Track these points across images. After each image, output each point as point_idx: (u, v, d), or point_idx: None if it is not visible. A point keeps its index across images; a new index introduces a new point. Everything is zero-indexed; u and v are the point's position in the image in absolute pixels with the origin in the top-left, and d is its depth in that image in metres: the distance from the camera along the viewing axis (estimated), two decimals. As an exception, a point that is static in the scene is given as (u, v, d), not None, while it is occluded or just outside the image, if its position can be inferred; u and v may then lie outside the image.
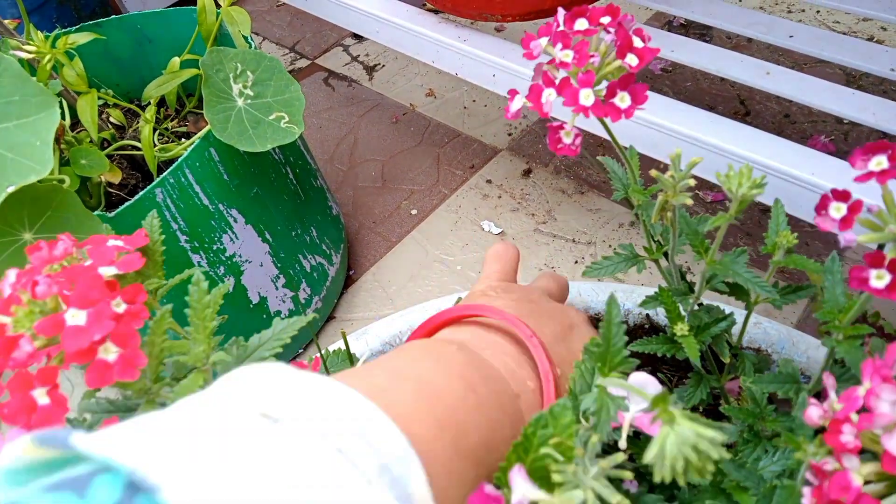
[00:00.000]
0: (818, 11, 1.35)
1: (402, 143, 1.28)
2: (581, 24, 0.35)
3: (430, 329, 0.43)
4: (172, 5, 1.65)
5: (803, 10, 1.37)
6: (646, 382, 0.27)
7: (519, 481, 0.24)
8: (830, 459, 0.26)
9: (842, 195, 0.29)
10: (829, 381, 0.31)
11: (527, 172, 1.18)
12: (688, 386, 0.49)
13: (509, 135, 1.26)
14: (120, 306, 0.31)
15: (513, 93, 0.38)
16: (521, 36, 0.39)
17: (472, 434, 0.29)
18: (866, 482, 0.24)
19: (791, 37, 0.73)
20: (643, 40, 0.36)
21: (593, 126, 0.75)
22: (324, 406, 0.22)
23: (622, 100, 0.35)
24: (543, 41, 0.37)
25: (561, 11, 0.36)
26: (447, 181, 1.19)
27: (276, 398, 0.22)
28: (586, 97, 0.34)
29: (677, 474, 0.21)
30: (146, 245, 0.34)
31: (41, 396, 0.30)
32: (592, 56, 0.35)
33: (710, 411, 0.55)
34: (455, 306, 0.43)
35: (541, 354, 0.39)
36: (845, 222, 0.29)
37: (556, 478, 0.23)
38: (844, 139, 1.11)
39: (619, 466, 0.24)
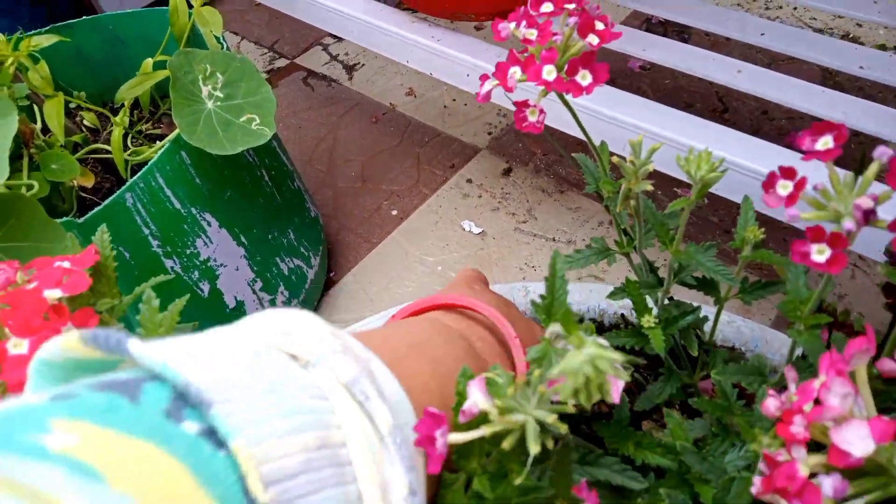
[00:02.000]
0: (795, 8, 1.36)
1: (382, 142, 1.28)
2: (546, 7, 0.37)
3: (418, 310, 0.42)
4: (149, 6, 1.63)
5: (780, 7, 1.37)
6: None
7: (475, 391, 0.25)
8: (783, 451, 0.26)
9: (788, 173, 0.29)
10: (790, 373, 0.31)
11: (507, 171, 1.18)
12: (658, 381, 0.49)
13: (489, 134, 1.26)
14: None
15: (484, 77, 0.39)
16: (488, 36, 0.39)
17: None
18: (813, 474, 0.24)
19: (762, 34, 0.73)
20: (605, 24, 0.37)
21: (570, 128, 0.75)
22: (348, 361, 0.23)
23: (583, 77, 0.36)
24: (512, 24, 0.38)
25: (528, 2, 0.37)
26: (427, 181, 1.18)
27: (307, 344, 0.23)
28: (549, 73, 0.36)
29: (579, 392, 0.22)
30: (98, 262, 0.33)
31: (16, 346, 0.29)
32: (555, 34, 0.36)
33: (682, 407, 0.55)
34: (448, 294, 0.43)
35: (521, 356, 0.39)
36: (791, 199, 0.29)
37: (498, 402, 0.24)
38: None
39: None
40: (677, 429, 0.39)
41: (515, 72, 0.36)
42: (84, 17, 0.93)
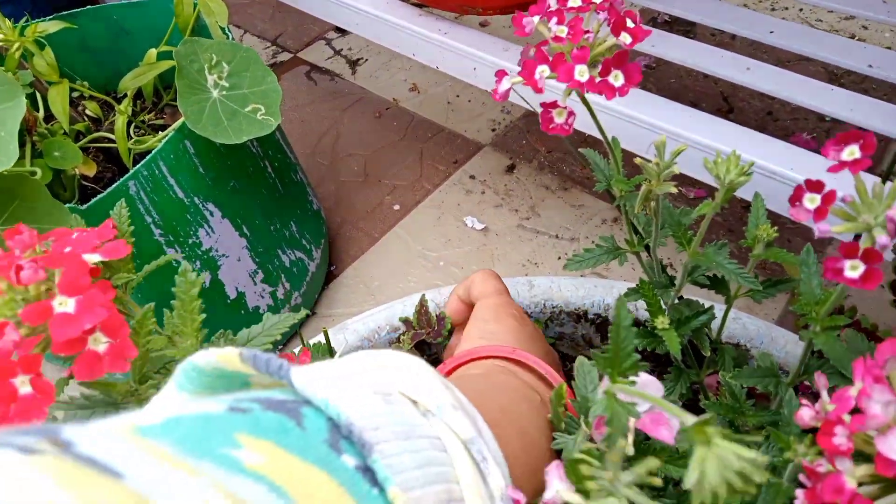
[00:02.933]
0: (801, 9, 1.36)
1: (385, 137, 1.27)
2: (574, 1, 0.36)
3: (468, 360, 0.42)
4: (153, -3, 1.62)
5: (786, 8, 1.37)
6: (648, 383, 0.27)
7: (554, 479, 0.24)
8: (823, 461, 0.25)
9: (815, 186, 0.28)
10: (820, 380, 0.31)
11: (510, 168, 1.17)
12: (668, 380, 0.49)
13: (493, 130, 1.25)
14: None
15: (501, 73, 0.38)
16: (504, 31, 0.39)
17: (540, 462, 0.30)
18: (860, 484, 0.23)
19: (772, 32, 0.73)
20: (634, 21, 0.36)
21: (581, 124, 0.74)
22: (462, 418, 0.24)
23: (616, 78, 0.35)
24: (535, 18, 0.37)
25: None
26: (430, 176, 1.18)
27: (422, 392, 0.24)
28: (581, 73, 0.34)
29: (719, 500, 0.20)
30: (114, 237, 0.33)
31: (23, 385, 0.29)
32: (587, 32, 0.35)
33: (690, 406, 0.55)
34: (509, 348, 0.42)
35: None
36: (819, 213, 0.28)
37: (590, 485, 0.23)
38: (826, 136, 1.12)
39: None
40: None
41: (544, 71, 0.35)
42: (88, 7, 0.93)
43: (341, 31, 1.55)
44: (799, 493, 0.25)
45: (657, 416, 0.25)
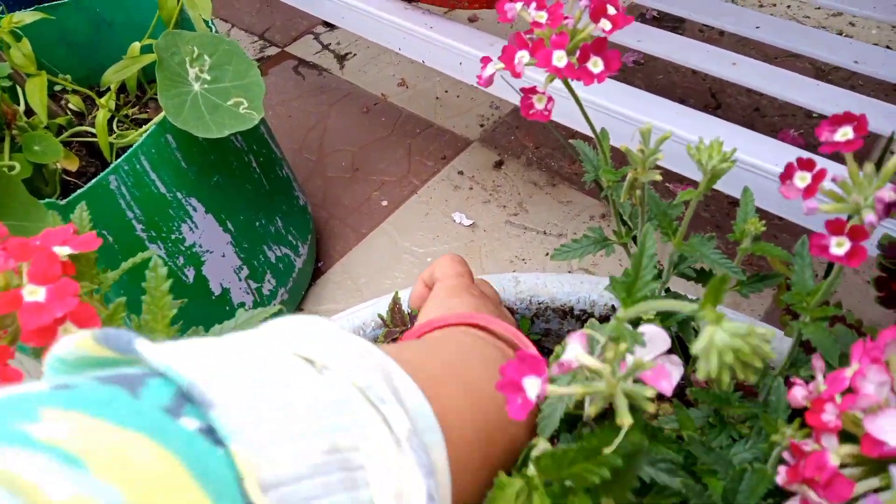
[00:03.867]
0: (789, 6, 1.36)
1: (373, 133, 1.27)
2: None
3: (428, 329, 0.41)
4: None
5: (774, 5, 1.37)
6: (656, 335, 0.27)
7: (575, 344, 0.24)
8: (810, 441, 0.26)
9: (807, 164, 0.29)
10: (817, 363, 0.31)
11: (498, 164, 1.17)
12: None
13: (481, 126, 1.25)
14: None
15: (486, 60, 0.38)
16: (493, 27, 0.38)
17: (492, 415, 0.30)
18: (843, 465, 0.23)
19: (758, 27, 0.73)
20: (617, 9, 0.36)
21: (565, 117, 0.74)
22: (365, 366, 0.23)
23: (595, 64, 0.35)
24: (518, 5, 0.37)
25: None
26: (418, 172, 1.17)
27: (324, 349, 0.23)
28: (559, 59, 0.34)
29: (724, 369, 0.20)
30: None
31: None
32: (566, 18, 0.35)
33: (678, 399, 0.55)
34: (463, 314, 0.41)
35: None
36: (809, 191, 0.29)
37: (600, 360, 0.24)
38: (813, 133, 1.12)
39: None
40: (685, 419, 0.38)
41: (523, 56, 0.35)
42: (70, -1, 0.91)
43: (329, 26, 1.54)
44: (781, 469, 0.24)
45: (660, 368, 0.25)
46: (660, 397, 0.53)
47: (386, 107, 1.32)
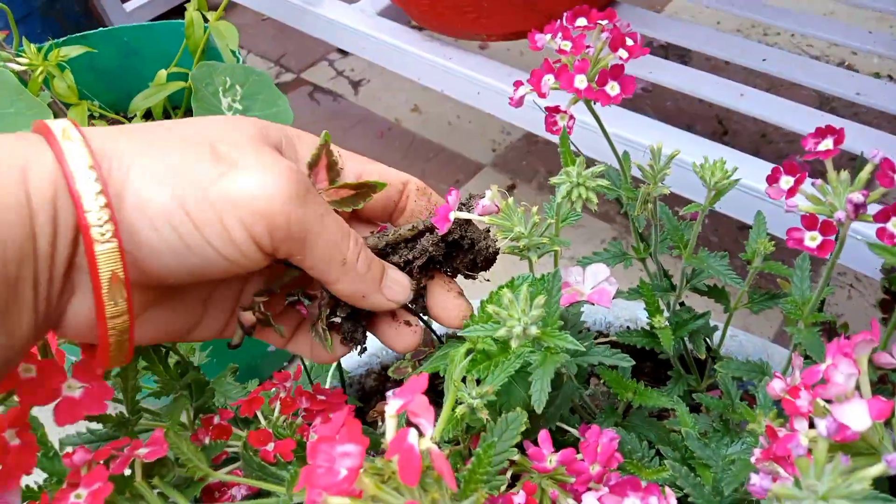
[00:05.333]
0: (792, 35, 1.40)
1: (387, 157, 1.30)
2: (581, 21, 0.39)
3: None
4: (157, 18, 1.65)
5: (778, 34, 1.41)
6: (599, 269, 0.39)
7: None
8: (784, 428, 0.28)
9: (791, 168, 0.32)
10: (796, 361, 0.33)
11: (510, 188, 1.20)
12: (669, 383, 0.51)
13: (493, 151, 1.28)
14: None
15: (517, 83, 0.42)
16: (503, 55, 0.42)
17: None
18: (809, 449, 0.26)
19: (764, 60, 0.76)
20: (634, 41, 0.39)
21: (579, 145, 0.77)
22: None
23: (612, 88, 0.38)
24: (547, 36, 0.40)
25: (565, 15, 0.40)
26: (431, 196, 1.20)
27: None
28: (580, 81, 0.38)
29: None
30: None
31: (12, 438, 0.30)
32: (588, 47, 0.39)
33: (690, 408, 0.57)
34: None
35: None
36: (791, 192, 0.33)
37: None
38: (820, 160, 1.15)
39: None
40: (684, 416, 0.41)
41: (549, 79, 0.38)
42: (100, 29, 0.95)
43: (343, 53, 1.58)
44: (755, 450, 0.27)
45: (601, 290, 0.39)
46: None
47: (400, 132, 1.35)
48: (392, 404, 0.24)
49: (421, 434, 0.22)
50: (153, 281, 0.29)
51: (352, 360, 0.68)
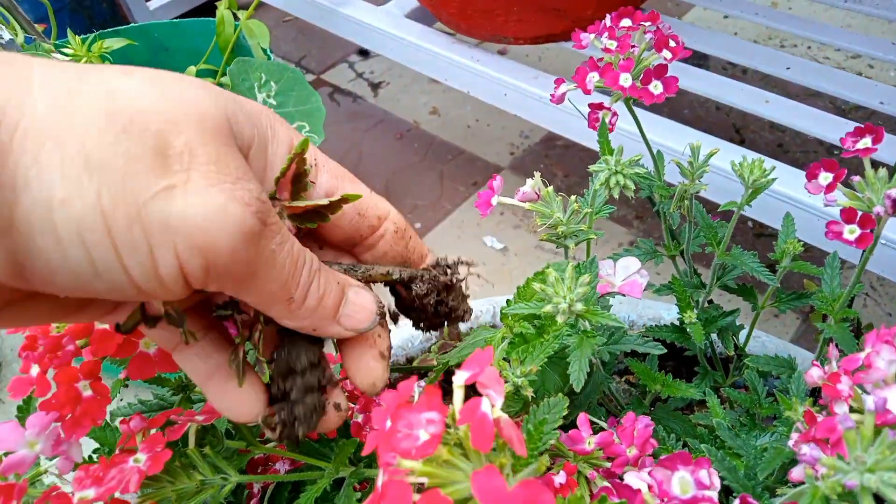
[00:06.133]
0: (809, 47, 1.41)
1: (405, 158, 1.31)
2: (625, 22, 0.41)
3: None
4: (182, 15, 1.68)
5: (795, 45, 1.42)
6: (630, 261, 0.40)
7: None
8: (822, 414, 0.29)
9: (829, 165, 0.33)
10: (833, 351, 0.34)
11: (528, 191, 1.21)
12: (695, 379, 0.53)
13: (511, 154, 1.29)
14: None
15: (559, 81, 0.43)
16: (522, 58, 0.44)
17: None
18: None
19: (788, 68, 0.77)
20: (676, 42, 0.40)
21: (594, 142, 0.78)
22: None
23: (655, 87, 0.40)
24: (591, 35, 0.42)
25: (608, 17, 0.41)
26: (450, 197, 1.22)
27: None
28: (625, 80, 0.39)
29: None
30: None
31: (85, 388, 0.32)
32: (633, 46, 0.40)
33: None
34: None
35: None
36: (830, 187, 0.34)
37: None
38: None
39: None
40: (715, 407, 0.42)
41: (594, 76, 0.40)
42: (131, 25, 0.97)
43: (364, 55, 1.60)
44: (793, 434, 0.28)
45: (632, 282, 0.40)
46: (702, 402, 0.56)
47: (418, 134, 1.37)
48: (459, 375, 0.25)
49: (492, 404, 0.23)
50: (32, 288, 0.22)
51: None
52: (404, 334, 0.68)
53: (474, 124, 1.37)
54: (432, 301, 0.32)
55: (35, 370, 0.30)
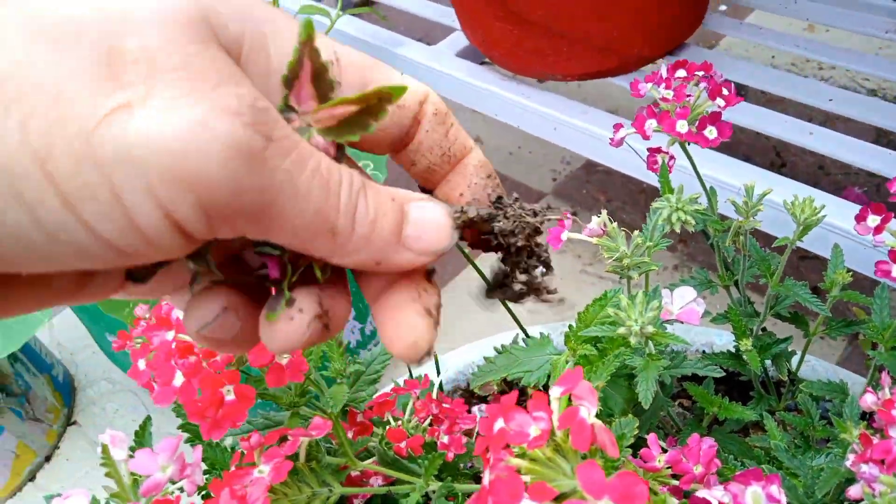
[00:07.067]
0: (848, 70, 1.43)
1: (451, 185, 1.36)
2: (681, 73, 0.45)
3: None
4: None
5: (833, 68, 1.44)
6: (686, 291, 0.42)
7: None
8: (875, 437, 0.32)
9: (877, 209, 0.37)
10: (886, 379, 0.38)
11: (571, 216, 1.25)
12: (750, 403, 0.56)
13: (554, 180, 1.33)
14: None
15: (617, 126, 0.47)
16: (563, 88, 0.48)
17: None
18: None
19: (830, 100, 0.80)
20: (729, 91, 0.44)
21: (640, 173, 0.82)
22: None
23: (710, 132, 0.44)
24: (649, 84, 0.46)
25: (663, 64, 0.45)
26: (496, 222, 1.26)
27: None
28: (682, 126, 0.43)
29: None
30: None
31: (228, 393, 0.37)
32: (689, 96, 0.44)
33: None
34: None
35: None
36: (878, 229, 0.38)
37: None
38: (877, 191, 1.17)
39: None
40: (773, 429, 0.45)
41: (652, 123, 0.44)
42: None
43: (407, 86, 1.66)
44: (849, 455, 0.31)
45: (689, 310, 0.41)
46: (756, 424, 0.59)
47: (463, 161, 1.42)
48: (555, 390, 0.29)
49: (588, 412, 0.27)
50: None
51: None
52: (466, 359, 0.72)
53: (516, 151, 1.42)
54: (519, 243, 0.24)
55: (179, 379, 0.35)
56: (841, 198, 0.71)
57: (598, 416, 0.45)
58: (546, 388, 0.42)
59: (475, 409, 0.59)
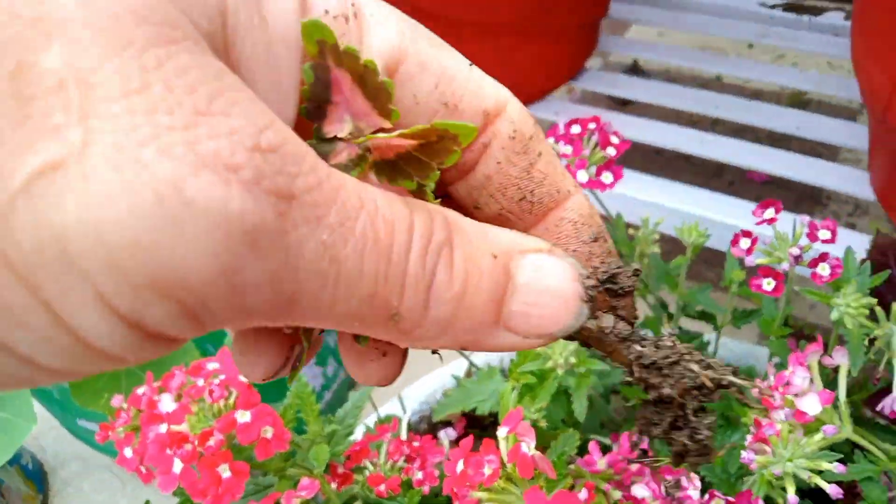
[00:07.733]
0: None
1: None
2: (575, 128, 0.51)
3: None
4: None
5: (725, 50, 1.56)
6: None
7: None
8: (767, 418, 0.40)
9: (747, 234, 0.44)
10: (770, 368, 0.45)
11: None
12: None
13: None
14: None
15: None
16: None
17: None
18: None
19: (717, 107, 0.90)
20: (619, 139, 0.51)
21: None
22: None
23: (606, 177, 0.50)
24: (551, 140, 0.53)
25: (561, 122, 0.52)
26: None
27: None
28: (582, 176, 0.50)
29: None
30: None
31: (225, 471, 0.42)
32: (585, 149, 0.51)
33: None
34: None
35: None
36: (749, 250, 0.45)
37: None
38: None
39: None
40: None
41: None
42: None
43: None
44: (748, 437, 0.38)
45: None
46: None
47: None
48: (501, 430, 0.36)
49: (528, 447, 0.34)
50: None
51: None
52: (426, 390, 0.78)
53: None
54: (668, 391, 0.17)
55: (178, 466, 0.40)
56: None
57: (545, 430, 0.52)
58: (495, 415, 0.48)
59: (441, 433, 0.64)
